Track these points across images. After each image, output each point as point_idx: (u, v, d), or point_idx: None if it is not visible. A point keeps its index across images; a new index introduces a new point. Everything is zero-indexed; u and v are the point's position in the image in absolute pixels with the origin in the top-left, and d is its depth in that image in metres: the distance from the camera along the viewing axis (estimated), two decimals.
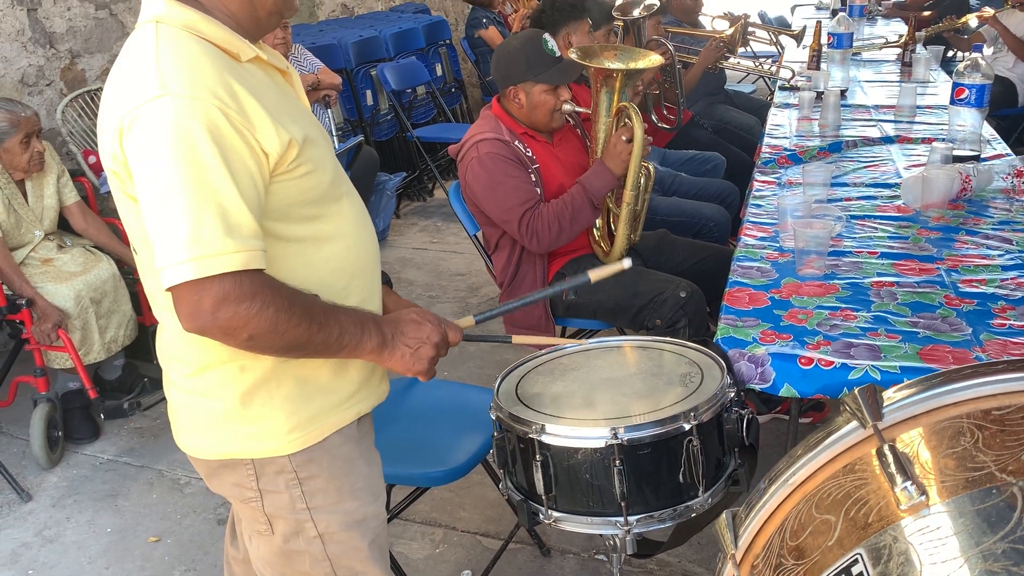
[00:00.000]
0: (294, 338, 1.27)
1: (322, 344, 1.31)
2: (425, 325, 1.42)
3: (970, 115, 2.82)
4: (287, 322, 1.25)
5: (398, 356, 1.39)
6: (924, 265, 2.09)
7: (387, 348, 1.38)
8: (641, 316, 2.55)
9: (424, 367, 1.41)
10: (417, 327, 1.41)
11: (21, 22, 3.92)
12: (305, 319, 1.28)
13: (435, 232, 5.25)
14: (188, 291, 1.20)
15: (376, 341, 1.36)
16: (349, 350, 1.35)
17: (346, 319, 1.34)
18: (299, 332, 1.27)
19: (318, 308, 1.31)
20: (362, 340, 1.35)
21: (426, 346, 1.40)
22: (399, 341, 1.39)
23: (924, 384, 0.95)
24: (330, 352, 1.34)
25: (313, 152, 1.34)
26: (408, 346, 1.39)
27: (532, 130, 2.65)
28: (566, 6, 3.20)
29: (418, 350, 1.40)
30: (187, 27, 1.27)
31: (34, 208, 3.19)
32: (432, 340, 1.41)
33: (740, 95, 5.19)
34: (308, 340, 1.29)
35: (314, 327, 1.29)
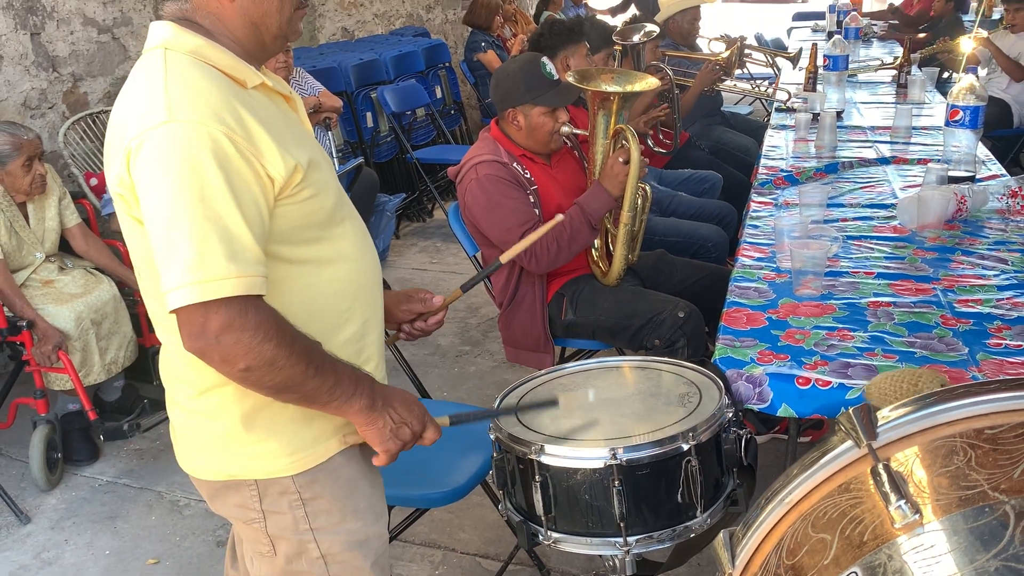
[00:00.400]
0: (289, 377, 1.28)
1: (314, 390, 1.31)
2: (414, 409, 1.43)
3: (965, 136, 2.85)
4: (286, 359, 1.26)
5: (379, 425, 1.38)
6: (920, 285, 2.11)
7: (373, 412, 1.37)
8: (640, 336, 2.56)
9: (396, 447, 1.40)
10: (407, 408, 1.42)
11: (24, 46, 3.96)
12: (303, 360, 1.28)
13: (434, 252, 5.27)
14: (194, 313, 1.21)
15: (365, 403, 1.36)
16: (337, 404, 1.34)
17: (343, 373, 1.34)
18: (295, 372, 1.27)
19: (317, 354, 1.32)
20: (352, 397, 1.35)
21: (406, 429, 1.41)
22: (386, 411, 1.39)
23: (918, 403, 0.96)
24: (319, 401, 1.33)
25: (317, 176, 1.36)
26: (392, 420, 1.39)
27: (530, 152, 2.67)
28: (564, 30, 3.23)
29: (399, 428, 1.40)
30: (194, 53, 1.29)
31: (35, 230, 3.21)
32: (414, 428, 1.42)
33: (737, 116, 5.23)
34: (302, 382, 1.29)
35: (310, 370, 1.29)
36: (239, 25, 1.34)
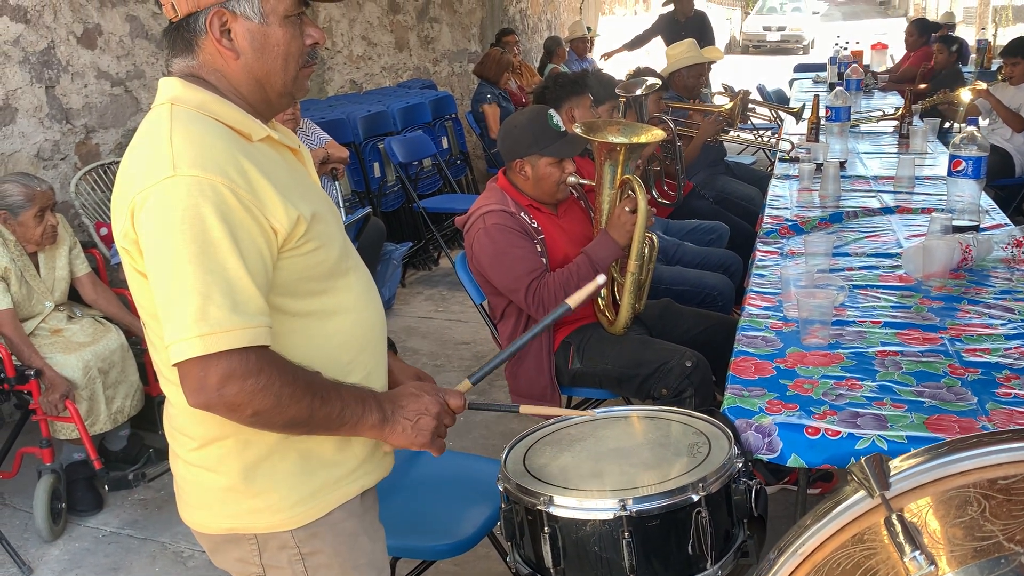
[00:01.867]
0: (296, 414, 1.28)
1: (324, 420, 1.32)
2: (423, 397, 1.42)
3: (968, 186, 2.88)
4: (290, 397, 1.27)
5: (399, 431, 1.39)
6: (928, 334, 2.11)
7: (388, 424, 1.38)
8: (647, 385, 2.56)
9: (427, 438, 1.40)
10: (415, 399, 1.42)
11: (39, 99, 4.04)
12: (308, 395, 1.29)
13: (440, 301, 5.28)
14: (194, 367, 1.22)
15: (377, 417, 1.37)
16: (350, 427, 1.35)
17: (348, 395, 1.35)
18: (302, 408, 1.28)
19: (320, 384, 1.32)
20: (363, 416, 1.35)
21: (425, 417, 1.40)
22: (399, 416, 1.39)
23: (930, 453, 0.96)
24: (332, 429, 1.34)
25: (321, 228, 1.37)
26: (408, 419, 1.39)
27: (537, 202, 2.70)
28: (568, 82, 3.29)
29: (418, 422, 1.40)
30: (200, 108, 1.32)
31: (46, 280, 3.23)
32: (431, 411, 1.41)
33: (740, 166, 5.28)
34: (310, 416, 1.30)
35: (316, 402, 1.30)
36: (244, 82, 1.36)
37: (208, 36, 1.33)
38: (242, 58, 1.34)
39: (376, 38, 7.08)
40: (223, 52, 1.34)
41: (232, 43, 1.33)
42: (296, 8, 1.35)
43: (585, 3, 12.44)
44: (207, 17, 1.32)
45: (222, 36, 1.33)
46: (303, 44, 1.38)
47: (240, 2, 1.31)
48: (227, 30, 1.33)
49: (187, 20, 1.33)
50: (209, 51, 1.34)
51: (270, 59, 1.35)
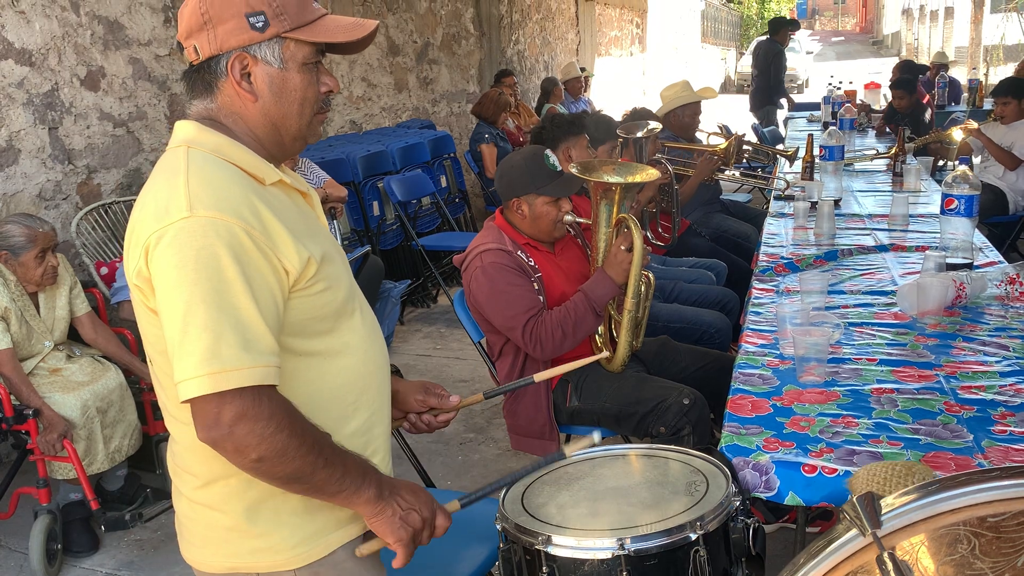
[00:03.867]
0: (299, 468, 1.29)
1: (323, 481, 1.32)
2: (421, 495, 1.44)
3: (961, 224, 2.90)
4: (297, 449, 1.28)
5: (388, 514, 1.39)
6: (923, 372, 2.12)
7: (380, 503, 1.38)
8: (645, 423, 2.56)
9: (407, 535, 1.40)
10: (413, 494, 1.43)
11: (42, 140, 4.08)
12: (313, 452, 1.30)
13: (439, 338, 5.29)
14: (208, 403, 1.24)
15: (373, 493, 1.37)
16: (345, 496, 1.36)
17: (351, 463, 1.36)
18: (305, 463, 1.29)
19: (326, 445, 1.33)
20: (360, 488, 1.36)
21: (415, 515, 1.41)
22: (393, 500, 1.40)
23: (921, 491, 0.97)
24: (327, 492, 1.35)
25: (330, 270, 1.40)
26: (400, 507, 1.40)
27: (534, 240, 2.73)
28: (565, 123, 3.34)
29: (408, 514, 1.40)
30: (216, 152, 1.35)
31: (46, 319, 3.24)
32: (423, 513, 1.42)
33: (736, 204, 5.33)
34: (312, 473, 1.31)
35: (320, 461, 1.31)
36: (260, 124, 1.40)
37: (228, 79, 1.37)
38: (260, 101, 1.38)
39: (376, 79, 7.17)
40: (242, 95, 1.38)
41: (252, 86, 1.37)
42: (314, 57, 1.40)
43: (582, 45, 12.62)
44: (229, 61, 1.36)
45: (242, 79, 1.37)
46: (319, 91, 1.42)
47: (261, 48, 1.36)
48: (247, 73, 1.37)
49: (208, 63, 1.37)
50: (228, 93, 1.38)
51: (287, 103, 1.39)
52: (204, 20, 1.35)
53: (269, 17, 1.35)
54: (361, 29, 1.42)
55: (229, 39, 1.35)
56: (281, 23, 1.36)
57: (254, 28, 1.34)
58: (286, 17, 1.36)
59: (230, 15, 1.34)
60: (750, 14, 32.21)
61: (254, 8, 1.34)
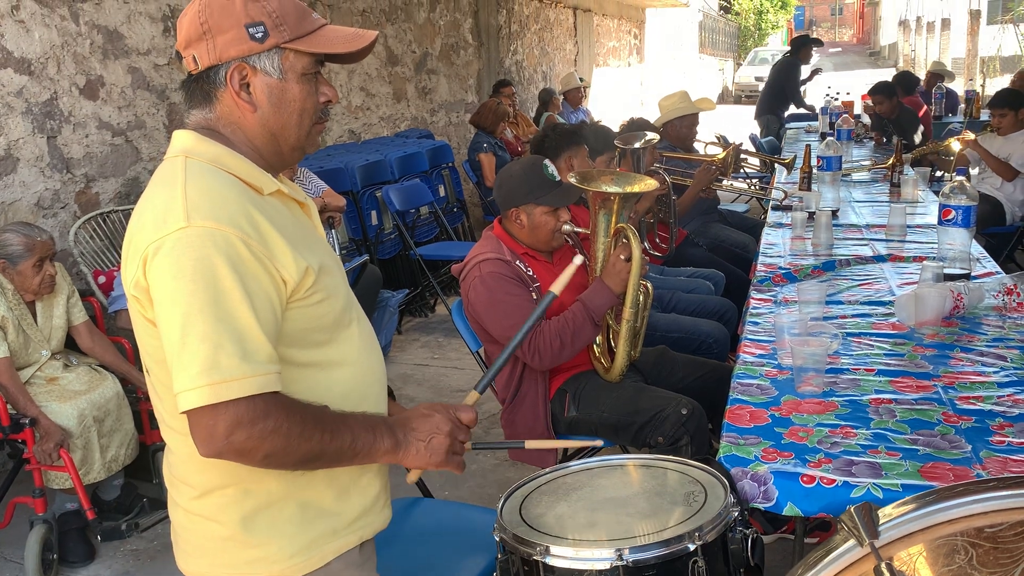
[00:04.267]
0: (308, 450, 1.30)
1: (336, 452, 1.34)
2: (433, 416, 1.45)
3: (958, 234, 2.91)
4: (300, 436, 1.29)
5: (413, 452, 1.41)
6: (921, 382, 2.12)
7: (401, 448, 1.40)
8: (643, 433, 2.56)
9: (441, 457, 1.43)
10: (426, 420, 1.44)
11: (41, 148, 4.08)
12: (317, 431, 1.31)
13: (436, 348, 5.29)
14: (204, 416, 1.24)
15: (389, 443, 1.39)
16: (364, 455, 1.37)
17: (356, 425, 1.37)
18: (312, 444, 1.30)
19: (328, 418, 1.34)
20: (375, 443, 1.37)
21: (438, 436, 1.42)
22: (411, 438, 1.41)
23: (919, 502, 0.97)
24: (346, 459, 1.36)
25: (327, 280, 1.40)
26: (421, 440, 1.42)
27: (533, 250, 2.73)
28: (565, 133, 3.35)
29: (431, 442, 1.42)
30: (214, 161, 1.35)
31: (43, 328, 3.24)
32: (443, 429, 1.43)
33: (734, 214, 5.33)
34: (322, 451, 1.32)
35: (326, 437, 1.32)
36: (259, 135, 1.40)
37: (227, 89, 1.37)
38: (259, 111, 1.38)
39: (374, 89, 7.19)
40: (241, 105, 1.38)
41: (251, 96, 1.38)
42: (313, 67, 1.41)
43: (580, 55, 12.66)
44: (228, 71, 1.36)
45: (241, 89, 1.37)
46: (317, 101, 1.43)
47: (261, 58, 1.36)
48: (246, 84, 1.37)
49: (207, 73, 1.37)
50: (227, 103, 1.38)
51: (286, 114, 1.40)
52: (203, 30, 1.35)
53: (269, 28, 1.35)
54: (360, 40, 1.42)
55: (228, 49, 1.35)
56: (281, 34, 1.36)
57: (254, 39, 1.35)
58: (286, 28, 1.36)
59: (230, 25, 1.34)
60: (748, 25, 32.34)
61: (254, 19, 1.35)
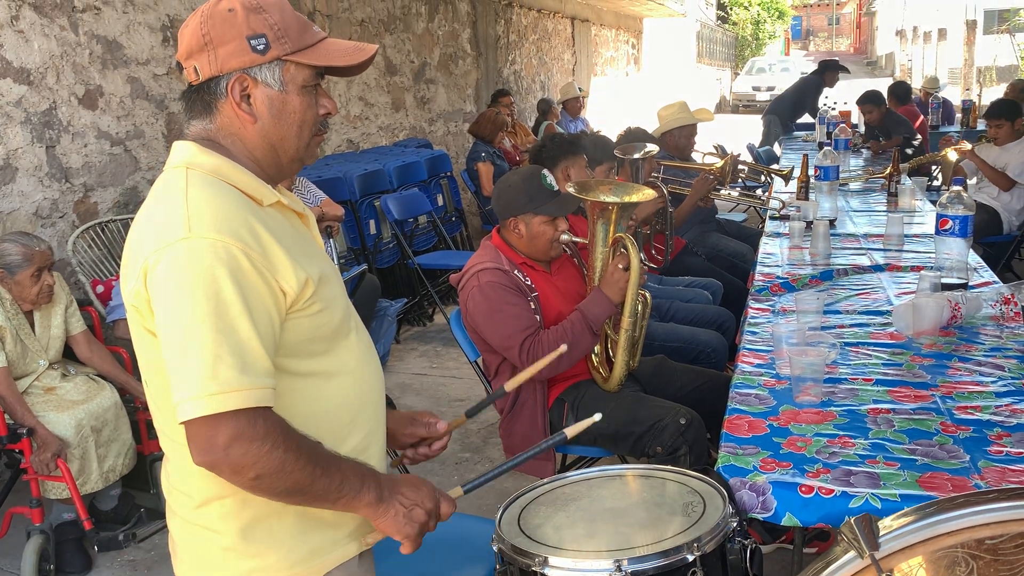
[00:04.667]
0: (297, 481, 1.29)
1: (323, 491, 1.33)
2: (423, 489, 1.44)
3: (956, 244, 2.91)
4: (294, 463, 1.28)
5: (391, 514, 1.39)
6: (919, 392, 2.12)
7: (383, 504, 1.38)
8: (641, 443, 2.56)
9: (414, 530, 1.41)
10: (414, 489, 1.43)
11: (39, 158, 4.09)
12: (311, 463, 1.30)
13: (435, 357, 5.28)
14: (203, 426, 1.23)
15: (374, 495, 1.37)
16: (346, 500, 1.36)
17: (348, 468, 1.36)
18: (303, 475, 1.29)
19: (322, 454, 1.34)
20: (360, 492, 1.36)
21: (419, 510, 1.41)
22: (395, 499, 1.40)
23: (919, 513, 0.97)
24: (328, 500, 1.35)
25: (326, 291, 1.40)
26: (403, 505, 1.40)
27: (531, 259, 2.73)
28: (564, 142, 3.36)
29: (412, 511, 1.41)
30: (215, 173, 1.35)
31: (40, 338, 3.23)
32: (426, 505, 1.42)
33: (732, 223, 5.34)
34: (311, 484, 1.31)
35: (318, 471, 1.31)
36: (259, 146, 1.41)
37: (228, 100, 1.37)
38: (259, 123, 1.39)
39: (373, 99, 7.20)
40: (241, 116, 1.38)
41: (251, 108, 1.38)
42: (313, 79, 1.41)
43: (577, 65, 12.70)
44: (229, 82, 1.36)
45: (242, 100, 1.37)
46: (317, 113, 1.43)
47: (262, 70, 1.37)
48: (247, 95, 1.37)
49: (208, 83, 1.37)
50: (227, 114, 1.39)
51: (286, 125, 1.40)
52: (205, 41, 1.35)
53: (270, 40, 1.36)
54: (361, 53, 1.43)
55: (230, 61, 1.35)
56: (282, 46, 1.37)
57: (255, 50, 1.35)
58: (287, 40, 1.37)
59: (231, 37, 1.35)
60: (745, 35, 32.44)
61: (255, 31, 1.35)
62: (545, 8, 11.22)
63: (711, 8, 27.46)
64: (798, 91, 9.35)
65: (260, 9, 1.36)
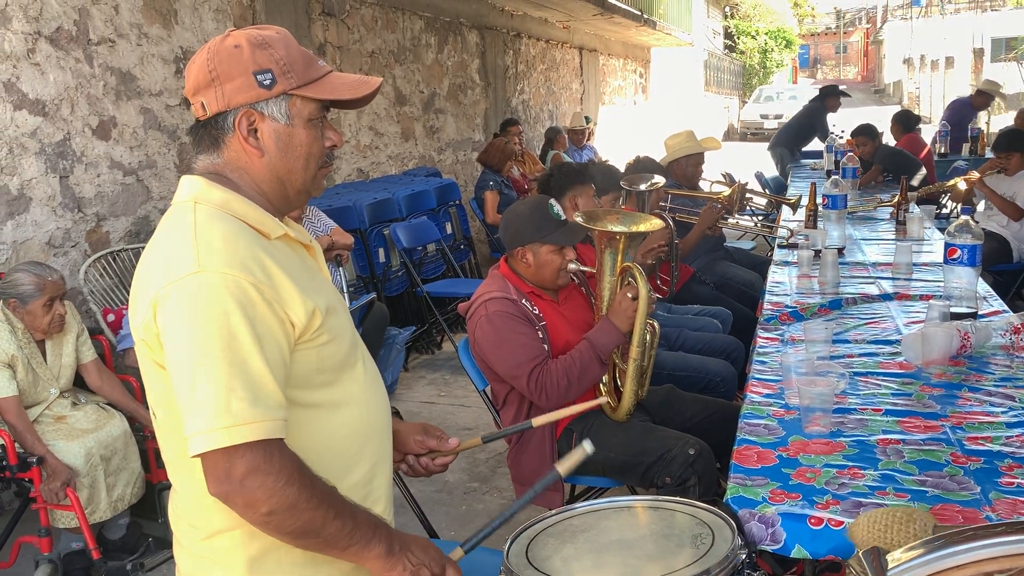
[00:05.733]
0: (309, 521, 1.29)
1: (333, 535, 1.33)
2: (431, 550, 1.44)
3: (965, 273, 2.91)
4: (307, 502, 1.28)
5: (399, 570, 1.39)
6: (929, 422, 2.11)
7: (391, 559, 1.38)
8: (650, 474, 2.55)
9: None
10: (423, 550, 1.43)
11: (53, 188, 4.13)
12: (323, 505, 1.31)
13: (443, 385, 5.28)
14: (219, 458, 1.24)
15: (383, 548, 1.37)
16: (356, 549, 1.36)
17: (360, 517, 1.36)
18: (315, 516, 1.30)
19: (336, 499, 1.34)
20: (371, 542, 1.36)
21: (426, 570, 1.41)
22: (403, 555, 1.40)
23: (928, 546, 0.97)
24: (337, 547, 1.35)
25: (333, 321, 1.41)
26: (410, 563, 1.40)
27: (538, 289, 2.74)
28: (572, 172, 3.38)
29: (419, 570, 1.40)
30: (223, 207, 1.37)
31: (52, 367, 3.25)
32: (433, 569, 1.42)
33: (740, 251, 5.34)
34: (322, 526, 1.31)
35: (330, 514, 1.31)
36: (266, 179, 1.43)
37: (235, 134, 1.40)
38: (266, 156, 1.41)
39: (383, 128, 7.27)
40: (248, 150, 1.40)
41: (258, 142, 1.40)
42: (319, 112, 1.43)
43: (585, 94, 12.79)
44: (236, 117, 1.38)
45: (249, 135, 1.39)
46: (323, 145, 1.45)
47: (269, 104, 1.39)
48: (254, 129, 1.39)
49: (216, 119, 1.40)
50: (235, 148, 1.41)
51: (293, 158, 1.42)
52: (212, 77, 1.38)
53: (276, 75, 1.38)
54: (365, 86, 1.45)
55: (237, 96, 1.37)
56: (288, 81, 1.39)
57: (261, 85, 1.37)
58: (293, 75, 1.39)
59: (238, 72, 1.37)
60: (752, 64, 32.62)
61: (262, 66, 1.37)
62: (553, 38, 11.32)
63: (718, 37, 27.65)
64: (801, 119, 9.41)
65: (266, 45, 1.38)
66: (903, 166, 6.47)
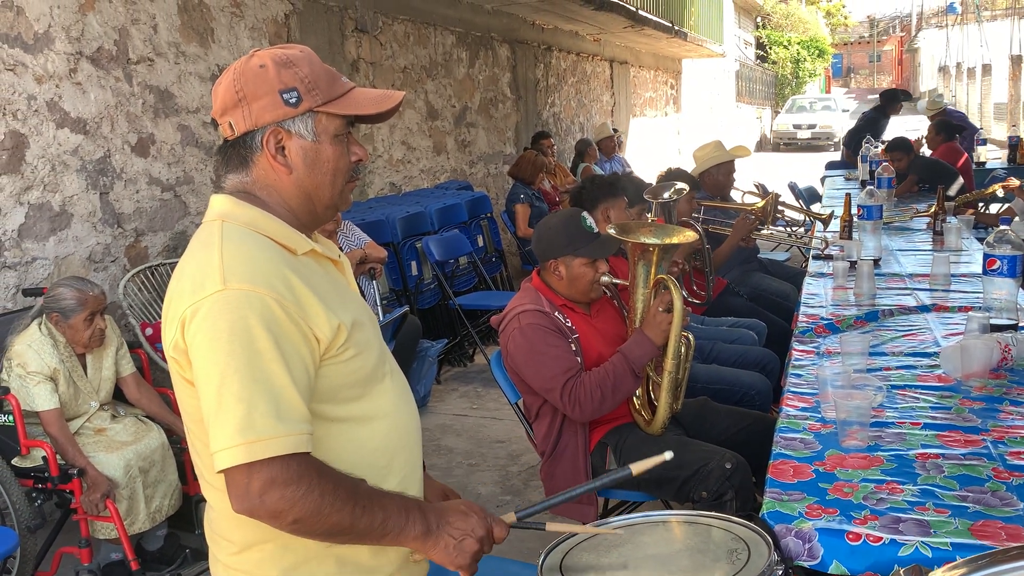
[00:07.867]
0: (337, 522, 1.30)
1: (366, 529, 1.33)
2: (472, 517, 1.44)
3: (1005, 284, 2.86)
4: (331, 505, 1.29)
5: (441, 546, 1.40)
6: (969, 436, 2.07)
7: (431, 537, 1.39)
8: (686, 488, 2.53)
9: (466, 561, 1.41)
10: (464, 518, 1.43)
11: (94, 204, 4.22)
12: (349, 503, 1.31)
13: (475, 398, 5.29)
14: (239, 474, 1.26)
15: (420, 529, 1.38)
16: (392, 536, 1.36)
17: (391, 505, 1.37)
18: (343, 516, 1.31)
19: (363, 492, 1.35)
20: (406, 527, 1.37)
21: (471, 539, 1.41)
22: (444, 531, 1.40)
23: (971, 565, 0.95)
24: (373, 538, 1.36)
25: (360, 336, 1.43)
26: (453, 536, 1.40)
27: (571, 301, 2.74)
28: (604, 184, 3.39)
29: (462, 542, 1.40)
30: (250, 225, 1.40)
31: (92, 380, 3.31)
32: (477, 534, 1.42)
33: (774, 263, 5.30)
34: (352, 524, 1.32)
35: (358, 510, 1.32)
36: (294, 195, 1.45)
37: (263, 153, 1.42)
38: (294, 173, 1.43)
39: (415, 143, 7.32)
40: (277, 168, 1.42)
41: (286, 159, 1.42)
42: (344, 128, 1.45)
43: (616, 106, 12.78)
44: (264, 136, 1.41)
45: (277, 153, 1.42)
46: (349, 161, 1.47)
47: (295, 122, 1.41)
48: (282, 147, 1.42)
49: (243, 138, 1.42)
50: (263, 166, 1.43)
51: (320, 174, 1.44)
52: (239, 98, 1.40)
53: (302, 93, 1.40)
54: (388, 101, 1.47)
55: (264, 115, 1.40)
56: (313, 98, 1.41)
57: (288, 104, 1.40)
58: (318, 92, 1.41)
59: (264, 92, 1.39)
60: (784, 74, 32.41)
61: (287, 85, 1.40)
62: (584, 51, 11.34)
63: (750, 48, 27.52)
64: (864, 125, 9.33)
65: (290, 63, 1.41)
66: (939, 176, 6.38)
